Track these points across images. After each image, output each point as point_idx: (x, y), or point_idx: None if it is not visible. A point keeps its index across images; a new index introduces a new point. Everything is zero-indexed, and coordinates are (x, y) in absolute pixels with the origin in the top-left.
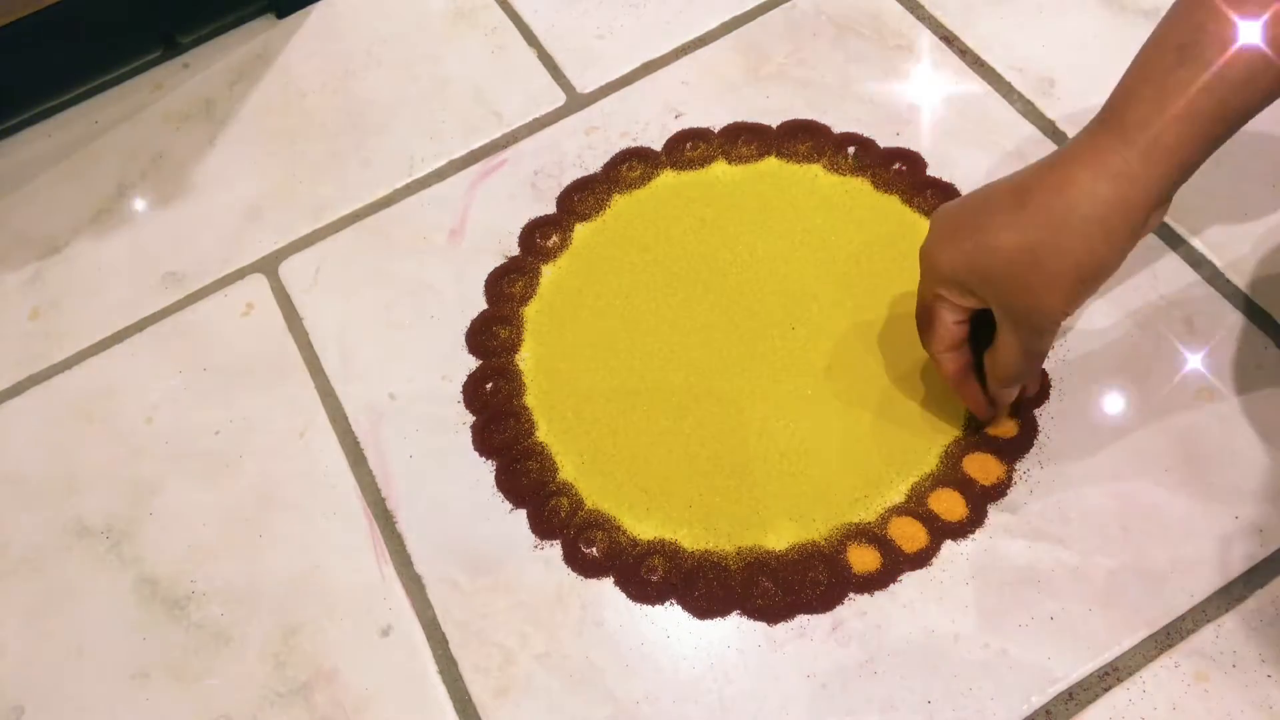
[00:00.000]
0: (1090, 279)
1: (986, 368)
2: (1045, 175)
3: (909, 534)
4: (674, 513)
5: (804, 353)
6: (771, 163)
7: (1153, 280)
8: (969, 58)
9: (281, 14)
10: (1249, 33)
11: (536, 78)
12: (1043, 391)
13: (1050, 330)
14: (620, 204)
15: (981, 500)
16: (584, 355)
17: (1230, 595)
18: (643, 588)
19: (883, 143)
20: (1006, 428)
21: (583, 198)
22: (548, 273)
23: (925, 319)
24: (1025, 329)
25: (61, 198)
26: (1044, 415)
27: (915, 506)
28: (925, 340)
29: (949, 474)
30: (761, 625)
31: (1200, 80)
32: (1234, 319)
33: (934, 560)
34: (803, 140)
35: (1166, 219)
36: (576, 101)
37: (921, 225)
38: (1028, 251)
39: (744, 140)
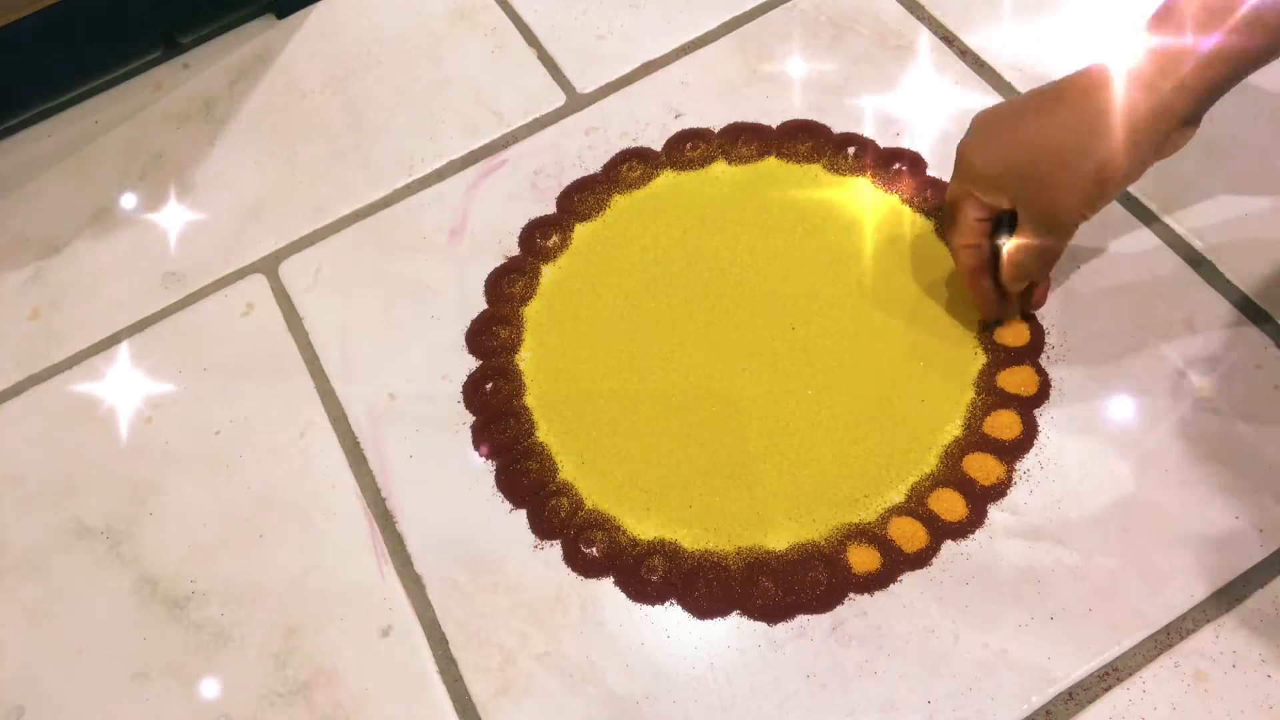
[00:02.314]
0: (1110, 182)
1: (1003, 263)
2: (1080, 79)
3: (909, 534)
4: (674, 513)
5: (804, 353)
6: (771, 163)
7: (1153, 280)
8: (969, 58)
9: (281, 14)
10: None
11: (536, 78)
12: (1043, 391)
13: (1068, 230)
14: (620, 204)
15: (981, 500)
16: (584, 355)
17: (1230, 595)
18: (643, 588)
19: (883, 143)
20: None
21: (583, 198)
22: (548, 273)
23: (950, 214)
24: (1044, 227)
25: (61, 198)
26: (1044, 415)
27: (915, 506)
28: (948, 235)
29: (949, 474)
30: (761, 625)
31: None
32: (1234, 319)
33: (934, 560)
34: (803, 140)
35: (1166, 219)
36: (576, 101)
37: (922, 225)
38: (1054, 152)
39: (744, 140)
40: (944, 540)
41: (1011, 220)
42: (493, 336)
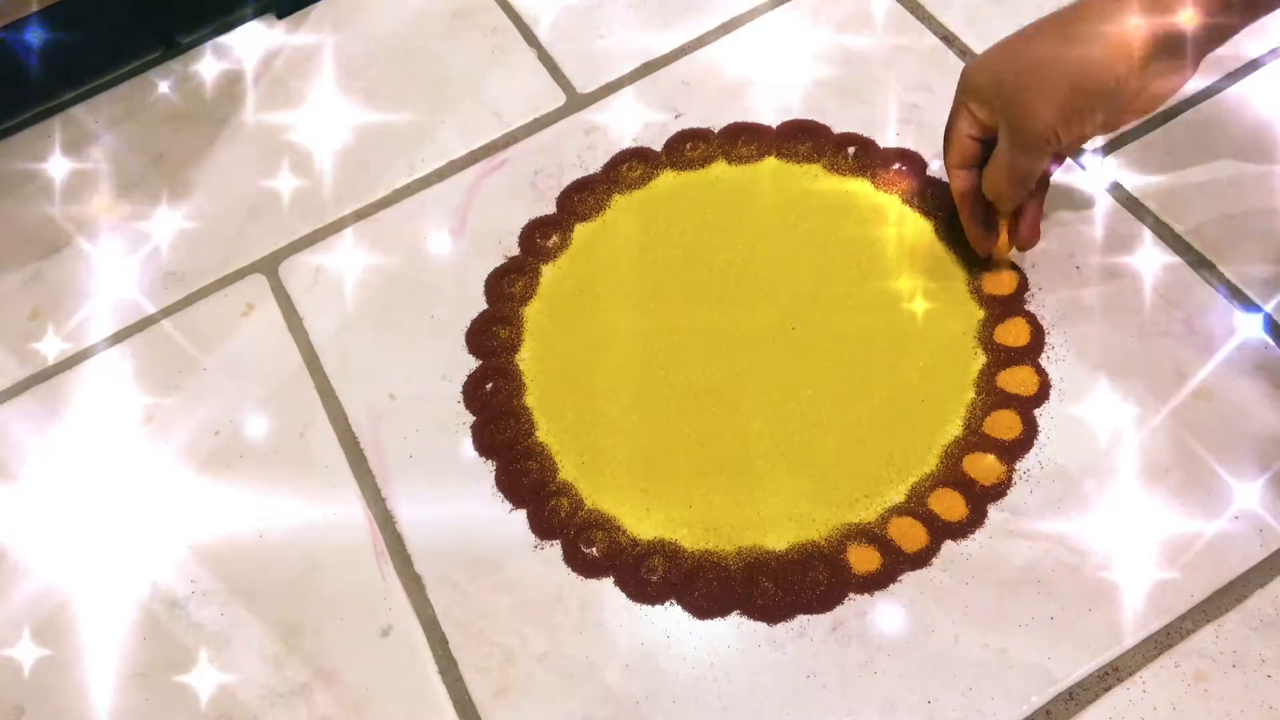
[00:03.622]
0: (1082, 93)
1: (982, 180)
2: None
3: (909, 534)
4: (674, 513)
5: (804, 353)
6: (771, 163)
7: (1153, 280)
8: (969, 58)
9: (281, 14)
10: None
11: (536, 78)
12: (1043, 391)
13: (1037, 145)
14: (620, 204)
15: (981, 500)
16: (584, 355)
17: (1230, 595)
18: (643, 588)
19: (883, 143)
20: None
21: (583, 198)
22: (548, 273)
23: (947, 132)
24: (1017, 139)
25: (62, 198)
26: (1044, 415)
27: (915, 506)
28: (945, 154)
29: (949, 474)
30: (761, 625)
31: None
32: (1234, 319)
33: (934, 560)
34: (803, 140)
35: (1166, 220)
36: (576, 101)
37: (922, 225)
38: (1036, 61)
39: (744, 140)
40: (944, 540)
41: None
42: (493, 336)
